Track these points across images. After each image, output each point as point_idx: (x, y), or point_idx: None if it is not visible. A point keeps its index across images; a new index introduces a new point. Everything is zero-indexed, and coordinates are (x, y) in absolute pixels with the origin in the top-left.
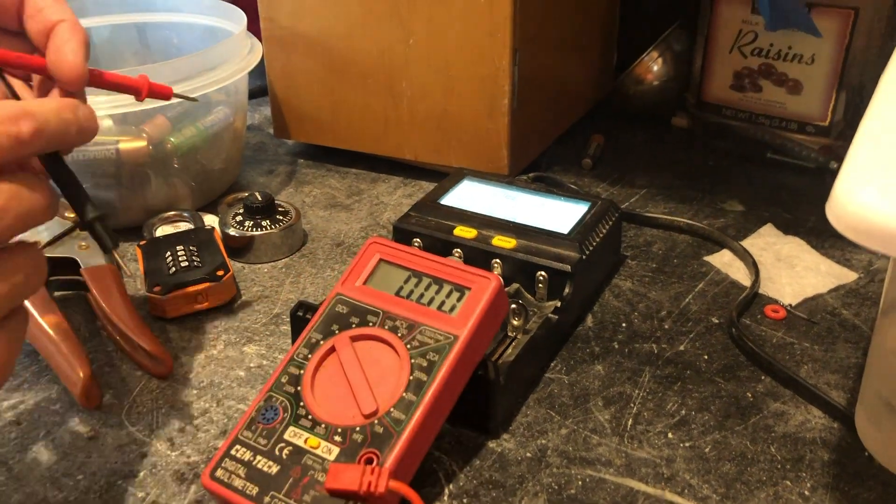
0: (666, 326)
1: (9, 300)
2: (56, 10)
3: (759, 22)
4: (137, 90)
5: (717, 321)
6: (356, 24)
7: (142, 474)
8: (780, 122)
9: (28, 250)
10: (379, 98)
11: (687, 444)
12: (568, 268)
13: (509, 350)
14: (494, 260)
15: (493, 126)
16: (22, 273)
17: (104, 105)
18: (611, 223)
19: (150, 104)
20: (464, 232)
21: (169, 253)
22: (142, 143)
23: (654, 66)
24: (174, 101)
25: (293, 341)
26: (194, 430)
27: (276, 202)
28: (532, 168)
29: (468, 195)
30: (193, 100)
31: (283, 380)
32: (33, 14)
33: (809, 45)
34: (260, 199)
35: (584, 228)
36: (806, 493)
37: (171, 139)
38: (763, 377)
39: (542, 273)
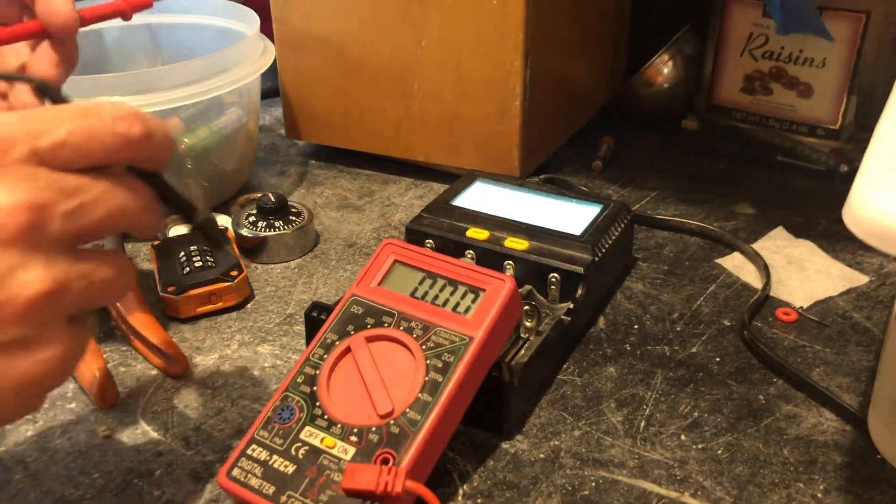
0: (678, 329)
1: (85, 300)
2: None
3: (770, 25)
4: (122, 12)
5: (728, 323)
6: (368, 26)
7: (157, 473)
8: (790, 125)
9: (115, 254)
10: (391, 99)
11: (699, 446)
12: (580, 269)
13: (522, 351)
14: (507, 262)
15: (504, 128)
16: (104, 274)
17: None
18: (623, 225)
19: (164, 105)
20: (476, 233)
21: (182, 253)
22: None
23: (664, 68)
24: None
25: (307, 342)
26: (209, 429)
27: (288, 203)
28: (542, 170)
29: (480, 197)
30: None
31: (299, 380)
32: None
33: (821, 48)
34: (273, 199)
35: (596, 230)
36: (819, 495)
37: (185, 140)
38: (775, 380)
39: (555, 275)
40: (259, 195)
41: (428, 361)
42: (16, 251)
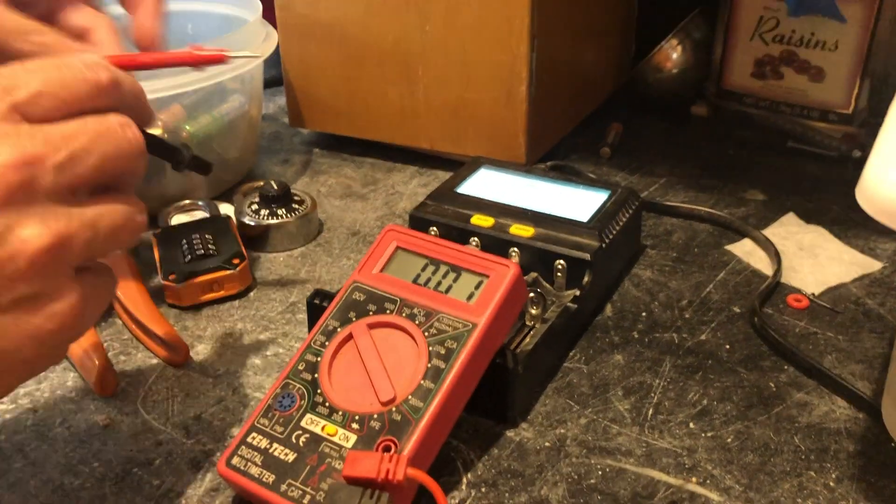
0: (686, 316)
1: (92, 249)
2: None
3: (780, 8)
4: (194, 63)
5: (738, 311)
6: (372, 12)
7: (157, 462)
8: (801, 110)
9: (122, 198)
10: (395, 86)
11: (709, 435)
12: (587, 256)
13: (527, 339)
14: (512, 248)
15: (510, 114)
16: (110, 220)
17: None
18: (631, 211)
19: (165, 92)
20: (481, 220)
21: (184, 241)
22: (157, 132)
23: (673, 53)
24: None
25: (309, 329)
26: (210, 418)
27: (291, 191)
28: (549, 157)
29: (485, 183)
30: (256, 57)
31: (301, 367)
32: None
33: (833, 31)
34: (276, 187)
35: (603, 216)
36: (831, 483)
37: (187, 127)
38: (786, 367)
39: (561, 262)
40: (262, 183)
41: (430, 348)
42: (12, 210)
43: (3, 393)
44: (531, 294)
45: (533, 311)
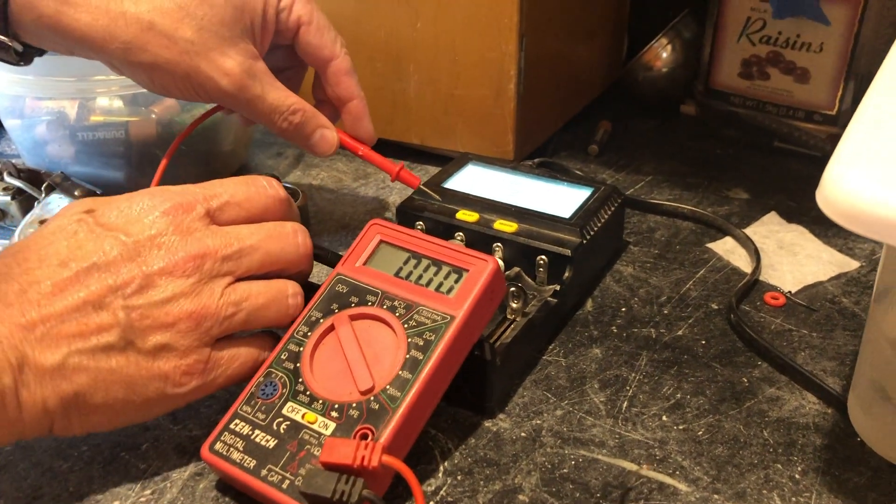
0: (665, 312)
1: (233, 325)
2: (351, 85)
3: (767, 9)
4: (390, 172)
5: (716, 307)
6: (364, 8)
7: (144, 447)
8: (787, 110)
9: (274, 284)
10: (386, 81)
11: (681, 427)
12: (568, 252)
13: (507, 332)
14: (496, 244)
15: (499, 111)
16: (255, 303)
17: (114, 85)
18: (613, 208)
19: None
20: (466, 216)
21: None
22: (150, 124)
23: (663, 52)
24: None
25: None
26: (196, 404)
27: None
28: (538, 153)
29: (472, 179)
30: (431, 196)
31: (283, 356)
32: (334, 74)
33: (818, 33)
34: None
35: (585, 213)
36: (797, 476)
37: (179, 120)
38: (760, 363)
39: (543, 257)
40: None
41: (409, 339)
42: (184, 281)
43: (120, 425)
44: (512, 288)
45: (514, 305)
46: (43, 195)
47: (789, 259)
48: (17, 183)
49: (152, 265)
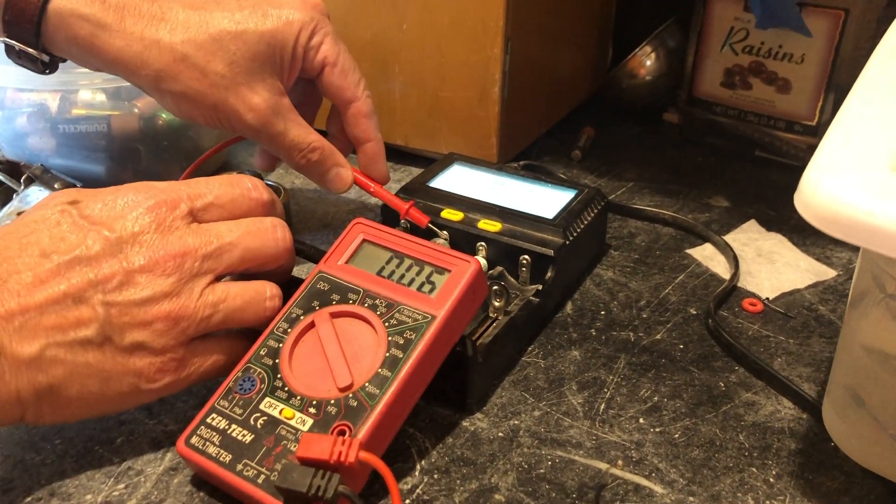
0: (644, 316)
1: (210, 325)
2: (370, 127)
3: (751, 20)
4: (400, 210)
5: (694, 312)
6: (350, 8)
7: (119, 441)
8: (768, 120)
9: (252, 285)
10: (371, 82)
11: (657, 430)
12: (551, 252)
13: (489, 330)
14: (479, 243)
15: (483, 114)
16: (233, 304)
17: (97, 78)
18: (596, 211)
19: None
20: (450, 215)
21: None
22: (133, 118)
23: (647, 60)
24: None
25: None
26: (173, 399)
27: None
28: (522, 157)
29: (457, 179)
30: (438, 234)
31: (262, 352)
32: (353, 115)
33: (800, 44)
34: None
35: (569, 215)
36: (771, 479)
37: (163, 115)
38: (737, 368)
39: (526, 257)
40: (236, 174)
41: (390, 338)
42: (160, 279)
43: (91, 416)
44: (495, 287)
45: (496, 304)
46: (22, 187)
47: (767, 266)
48: None
49: (133, 262)
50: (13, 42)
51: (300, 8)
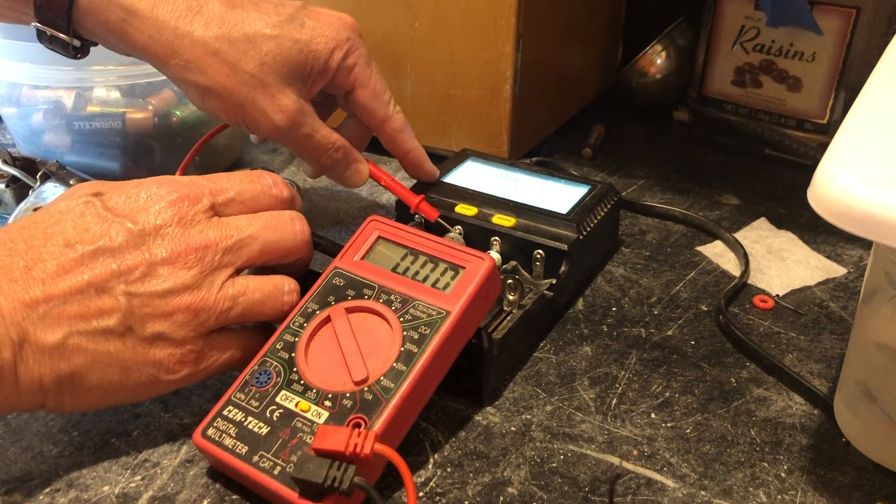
0: (655, 312)
1: (229, 318)
2: (406, 140)
3: (761, 18)
4: (410, 203)
5: (705, 309)
6: (363, 7)
7: (135, 433)
8: (779, 118)
9: (272, 279)
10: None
11: (669, 425)
12: (565, 247)
13: (504, 323)
14: (493, 238)
15: (494, 111)
16: (251, 298)
17: (112, 76)
18: (609, 206)
19: (157, 77)
20: (465, 209)
21: None
22: (147, 115)
23: (657, 59)
24: None
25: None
26: (188, 393)
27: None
28: (532, 155)
29: (471, 174)
30: (448, 229)
31: (278, 346)
32: (388, 133)
33: (811, 42)
34: None
35: (582, 210)
36: (782, 474)
37: (177, 112)
38: (748, 364)
39: (540, 251)
40: (258, 169)
41: (405, 333)
42: (181, 271)
43: (109, 405)
44: (509, 281)
45: (510, 297)
46: (38, 184)
47: (778, 264)
48: (12, 171)
49: (156, 254)
50: (45, 27)
51: (337, 26)
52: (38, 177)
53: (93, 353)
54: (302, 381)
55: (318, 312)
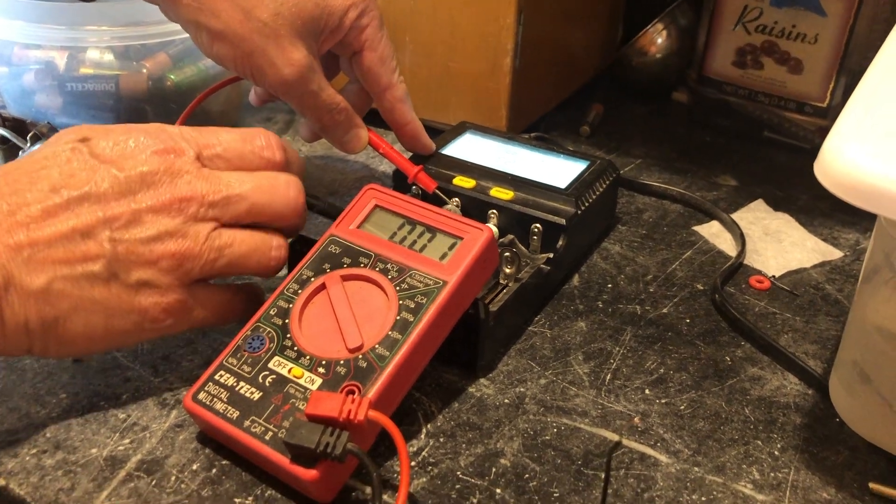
0: (651, 290)
1: (215, 270)
2: (406, 111)
3: None
4: (408, 172)
5: (701, 288)
6: None
7: (124, 397)
8: (779, 100)
9: (260, 234)
10: None
11: (663, 401)
12: (562, 221)
13: (500, 295)
14: (491, 211)
15: (493, 85)
16: (238, 250)
17: (106, 36)
18: (608, 182)
19: (153, 39)
20: (463, 182)
21: None
22: (141, 78)
23: (658, 38)
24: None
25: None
26: (178, 358)
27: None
28: (530, 131)
29: (469, 147)
30: (445, 201)
31: (272, 312)
32: (389, 101)
33: (813, 24)
34: None
35: (581, 185)
36: (776, 452)
37: (171, 76)
38: (743, 343)
39: (537, 225)
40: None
41: (400, 302)
42: (165, 220)
43: (94, 351)
44: (506, 254)
45: (507, 270)
46: (28, 145)
47: (774, 245)
48: (2, 131)
49: (141, 202)
50: None
51: None
52: (28, 138)
53: (77, 298)
54: (295, 348)
55: (312, 279)
